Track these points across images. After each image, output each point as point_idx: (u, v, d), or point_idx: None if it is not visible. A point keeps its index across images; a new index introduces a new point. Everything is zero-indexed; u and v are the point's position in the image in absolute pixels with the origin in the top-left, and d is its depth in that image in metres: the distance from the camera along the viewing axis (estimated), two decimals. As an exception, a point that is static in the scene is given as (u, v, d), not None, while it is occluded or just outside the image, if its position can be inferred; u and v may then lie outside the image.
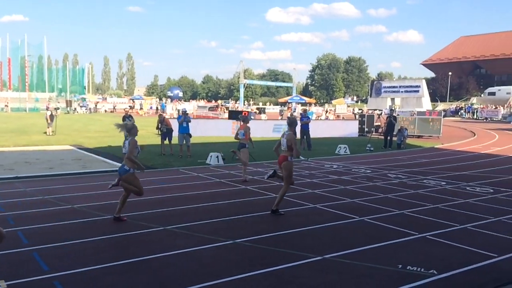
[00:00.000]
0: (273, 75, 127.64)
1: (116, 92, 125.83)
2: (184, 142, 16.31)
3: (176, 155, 16.34)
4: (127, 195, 7.65)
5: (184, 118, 16.65)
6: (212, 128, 26.51)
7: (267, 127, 26.91)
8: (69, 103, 59.87)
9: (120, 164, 8.02)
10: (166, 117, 20.42)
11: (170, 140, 17.05)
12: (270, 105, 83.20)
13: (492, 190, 10.74)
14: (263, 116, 46.32)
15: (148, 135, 23.49)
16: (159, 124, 17.27)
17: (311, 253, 6.06)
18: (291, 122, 8.44)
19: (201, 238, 6.66)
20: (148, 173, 11.75)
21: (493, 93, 67.36)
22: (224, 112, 42.54)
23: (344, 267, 5.58)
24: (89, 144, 19.67)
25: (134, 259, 5.79)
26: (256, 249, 6.26)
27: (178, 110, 40.19)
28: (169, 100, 75.72)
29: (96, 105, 65.70)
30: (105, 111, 64.12)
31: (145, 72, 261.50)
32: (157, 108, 57.35)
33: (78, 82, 76.17)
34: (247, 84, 71.71)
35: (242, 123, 12.24)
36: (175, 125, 17.35)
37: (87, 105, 62.67)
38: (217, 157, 14.98)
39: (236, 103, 67.83)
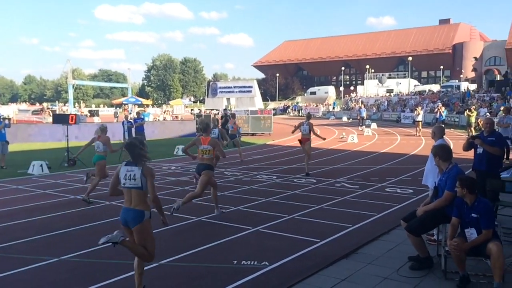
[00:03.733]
0: (106, 75, 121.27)
1: None
2: (1, 151, 14.29)
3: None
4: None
5: (3, 124, 14.59)
6: (36, 133, 23.95)
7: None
8: None
9: None
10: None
11: None
12: (104, 107, 78.91)
13: (315, 181, 11.85)
14: (96, 119, 43.61)
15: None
16: None
17: (147, 260, 5.80)
18: (309, 115, 13.78)
19: (20, 260, 5.86)
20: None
21: (314, 93, 75.14)
22: (50, 115, 38.78)
23: (181, 271, 5.49)
24: None
25: None
26: (86, 265, 5.76)
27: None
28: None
29: None
30: None
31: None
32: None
33: None
34: (77, 85, 66.66)
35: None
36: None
37: None
38: (41, 165, 13.50)
39: (65, 105, 62.56)
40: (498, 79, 47.44)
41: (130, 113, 40.44)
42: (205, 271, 5.47)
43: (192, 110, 54.31)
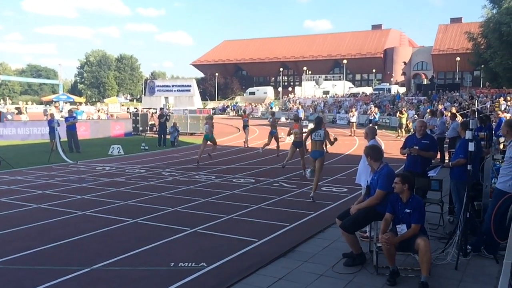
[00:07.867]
0: (35, 70, 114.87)
1: None
2: None
3: None
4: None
5: None
6: (-45, 132, 22.17)
7: (27, 129, 23.95)
8: None
9: None
10: None
11: None
12: (32, 104, 74.60)
13: (253, 180, 11.91)
14: (23, 117, 41.06)
15: None
16: None
17: (78, 265, 5.55)
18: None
19: None
20: None
21: (253, 93, 75.66)
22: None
23: (114, 276, 5.28)
24: None
25: None
26: (12, 272, 5.39)
27: None
28: None
29: None
30: None
31: None
32: None
33: None
34: (3, 80, 62.61)
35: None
36: None
37: None
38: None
39: (-11, 102, 58.46)
40: (425, 83, 50.30)
41: (62, 111, 38.53)
42: (141, 275, 5.31)
43: (128, 108, 52.75)
